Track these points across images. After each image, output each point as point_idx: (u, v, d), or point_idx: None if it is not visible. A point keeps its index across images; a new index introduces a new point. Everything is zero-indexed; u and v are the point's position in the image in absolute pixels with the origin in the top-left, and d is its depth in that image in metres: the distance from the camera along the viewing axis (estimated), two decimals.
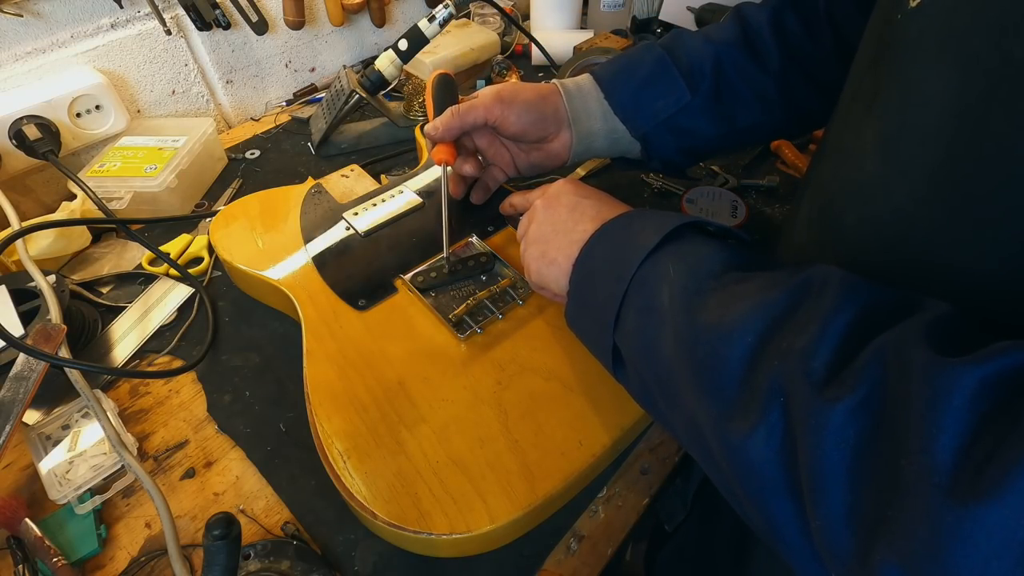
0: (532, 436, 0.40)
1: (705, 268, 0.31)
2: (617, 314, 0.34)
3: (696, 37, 0.51)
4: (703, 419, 0.28)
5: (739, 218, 0.58)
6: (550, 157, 0.53)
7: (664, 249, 0.33)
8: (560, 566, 0.39)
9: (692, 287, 0.30)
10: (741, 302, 0.28)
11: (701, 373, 0.28)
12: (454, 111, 0.50)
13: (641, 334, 0.33)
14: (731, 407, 0.26)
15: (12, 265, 0.57)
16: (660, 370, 0.31)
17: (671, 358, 0.30)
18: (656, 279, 0.32)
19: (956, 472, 0.18)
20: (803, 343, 0.24)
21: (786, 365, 0.24)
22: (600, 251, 0.37)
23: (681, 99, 0.49)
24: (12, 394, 0.43)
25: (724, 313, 0.28)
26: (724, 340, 0.27)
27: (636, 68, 0.50)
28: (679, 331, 0.30)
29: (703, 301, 0.29)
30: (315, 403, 0.42)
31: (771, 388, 0.24)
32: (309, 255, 0.53)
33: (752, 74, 0.49)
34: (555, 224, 0.41)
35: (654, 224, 0.34)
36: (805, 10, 0.48)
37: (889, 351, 0.22)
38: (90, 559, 0.40)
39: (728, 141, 0.53)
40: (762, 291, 0.27)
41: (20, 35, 0.66)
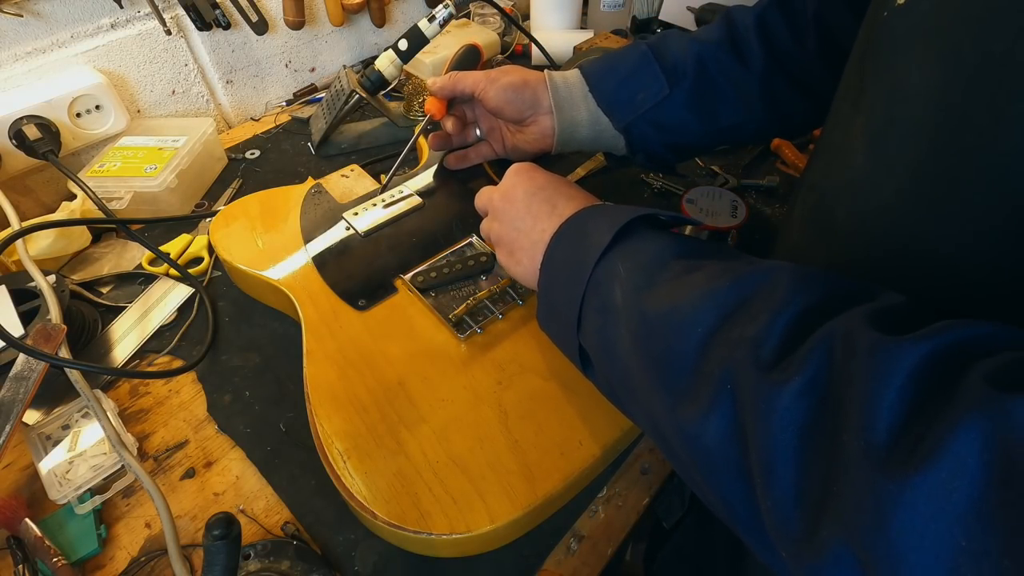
0: (532, 436, 0.40)
1: (655, 261, 0.31)
2: (579, 316, 0.34)
3: (683, 37, 0.52)
4: (659, 410, 0.28)
5: (739, 218, 0.58)
6: (531, 141, 0.56)
7: (616, 247, 0.34)
8: (560, 566, 0.39)
9: (642, 283, 0.31)
10: (690, 292, 0.28)
11: (654, 365, 0.28)
12: (452, 75, 0.56)
13: (600, 334, 0.33)
14: (683, 395, 0.27)
15: (12, 265, 0.57)
16: (618, 367, 0.32)
17: (627, 353, 0.31)
18: (609, 279, 0.33)
19: (896, 445, 0.19)
20: (753, 331, 0.25)
21: (736, 353, 0.25)
22: (559, 254, 0.37)
23: (660, 92, 0.50)
24: (12, 394, 0.43)
25: (674, 303, 0.28)
26: (675, 331, 0.28)
27: (621, 63, 0.52)
28: (631, 327, 0.30)
29: (652, 294, 0.30)
30: (315, 403, 0.42)
31: (722, 375, 0.25)
32: (309, 255, 0.53)
33: (735, 73, 0.50)
34: (514, 223, 0.41)
35: (607, 221, 0.35)
36: (791, 12, 0.49)
37: (836, 335, 0.22)
38: (90, 559, 0.40)
39: (712, 139, 0.54)
40: (712, 280, 0.28)
41: (20, 35, 0.66)
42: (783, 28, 0.49)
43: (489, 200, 0.45)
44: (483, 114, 0.60)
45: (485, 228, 0.45)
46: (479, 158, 0.62)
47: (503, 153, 0.61)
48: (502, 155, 0.61)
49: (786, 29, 0.49)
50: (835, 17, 0.46)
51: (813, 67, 0.48)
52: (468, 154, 0.62)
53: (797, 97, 0.50)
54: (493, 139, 0.61)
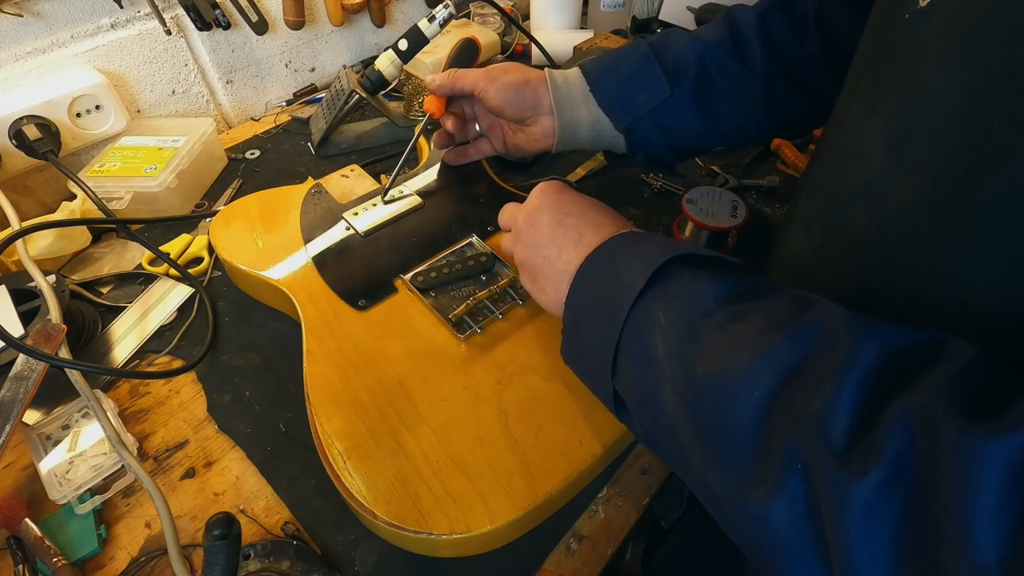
0: (532, 436, 0.40)
1: (697, 307, 0.29)
2: (614, 360, 0.33)
3: (684, 37, 0.52)
4: (715, 482, 0.26)
5: (739, 218, 0.58)
6: (531, 141, 0.55)
7: (652, 290, 0.32)
8: (560, 566, 0.39)
9: (685, 334, 0.29)
10: (742, 351, 0.26)
11: (707, 432, 0.26)
12: (451, 72, 0.55)
13: (640, 385, 0.31)
14: (745, 472, 0.24)
15: (12, 265, 0.57)
16: (664, 424, 0.30)
17: (673, 414, 0.29)
18: (648, 325, 0.31)
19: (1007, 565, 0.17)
20: (818, 405, 0.22)
21: (802, 429, 0.23)
22: (587, 290, 0.36)
23: (662, 93, 0.50)
24: (12, 394, 0.43)
25: (725, 364, 0.26)
26: (728, 395, 0.26)
27: (622, 63, 0.52)
28: (678, 386, 0.28)
29: (699, 349, 0.28)
30: (315, 403, 0.42)
31: (788, 454, 0.23)
32: (309, 255, 0.53)
33: (736, 73, 0.50)
34: (539, 249, 0.40)
35: (639, 260, 0.33)
36: (793, 13, 0.49)
37: (914, 417, 0.20)
38: (90, 559, 0.40)
39: (713, 139, 0.54)
40: (764, 337, 0.26)
41: (20, 35, 0.66)
42: (785, 28, 0.49)
43: (513, 219, 0.43)
44: (483, 111, 0.59)
45: (507, 246, 0.44)
46: (479, 154, 0.62)
47: (503, 151, 0.61)
48: (502, 153, 0.61)
49: (787, 29, 0.49)
50: (836, 18, 0.46)
51: (815, 67, 0.48)
52: (467, 150, 0.62)
53: (798, 97, 0.50)
54: (493, 136, 0.61)
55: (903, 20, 0.28)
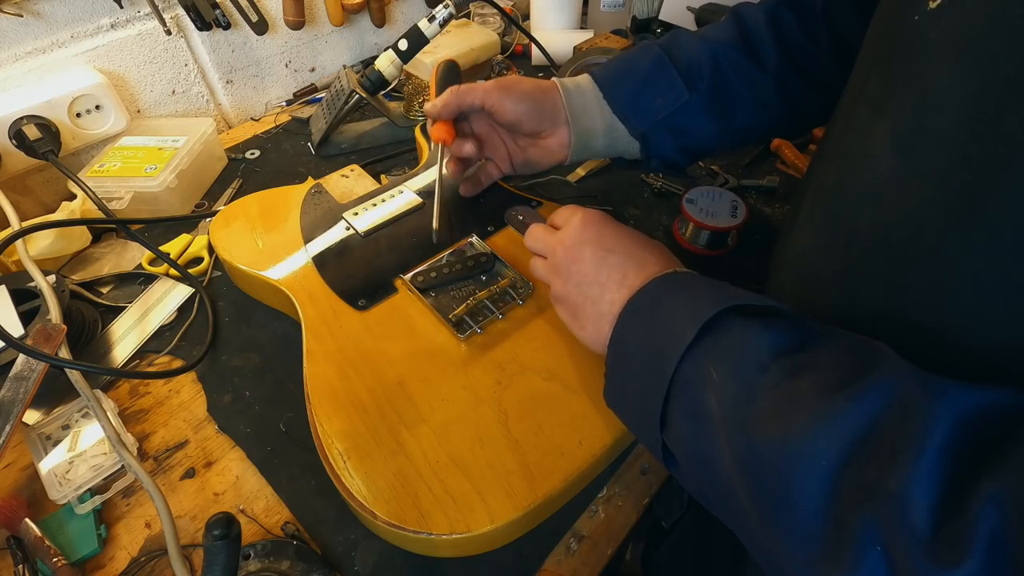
0: (532, 436, 0.40)
1: (751, 362, 0.28)
2: (663, 414, 0.32)
3: (693, 37, 0.51)
4: (779, 552, 0.25)
5: (739, 218, 0.58)
6: (547, 154, 0.53)
7: (702, 342, 0.30)
8: (560, 566, 0.39)
9: (741, 393, 0.28)
10: (804, 414, 0.25)
11: (770, 502, 0.25)
12: (453, 90, 0.51)
13: (693, 443, 0.30)
14: (816, 548, 0.23)
15: (12, 265, 0.57)
16: (720, 487, 0.29)
17: (731, 478, 0.27)
18: (699, 381, 0.30)
19: None
20: (895, 481, 0.21)
21: (879, 508, 0.21)
22: (632, 336, 0.35)
23: (680, 98, 0.49)
24: (12, 394, 0.43)
25: (787, 429, 0.25)
26: (793, 466, 0.24)
27: (634, 68, 0.50)
28: (736, 450, 0.27)
29: (757, 410, 0.26)
30: (315, 403, 0.42)
31: (864, 533, 0.21)
32: (309, 255, 0.53)
33: (749, 73, 0.49)
34: (580, 287, 0.39)
35: (687, 309, 0.32)
36: (802, 9, 0.48)
37: (1006, 500, 0.19)
38: (90, 559, 0.40)
39: (727, 140, 0.53)
40: (827, 398, 0.24)
41: (20, 35, 0.66)
42: (795, 25, 0.48)
43: (550, 249, 0.42)
44: (485, 129, 0.55)
45: (540, 272, 0.43)
46: (489, 180, 0.58)
47: (511, 171, 0.57)
48: (510, 172, 0.57)
49: (798, 26, 0.48)
50: (841, 14, 0.46)
51: (827, 63, 0.47)
52: (479, 178, 0.58)
53: (812, 94, 0.49)
54: (498, 157, 0.56)
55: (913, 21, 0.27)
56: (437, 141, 0.52)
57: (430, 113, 0.53)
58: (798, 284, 0.38)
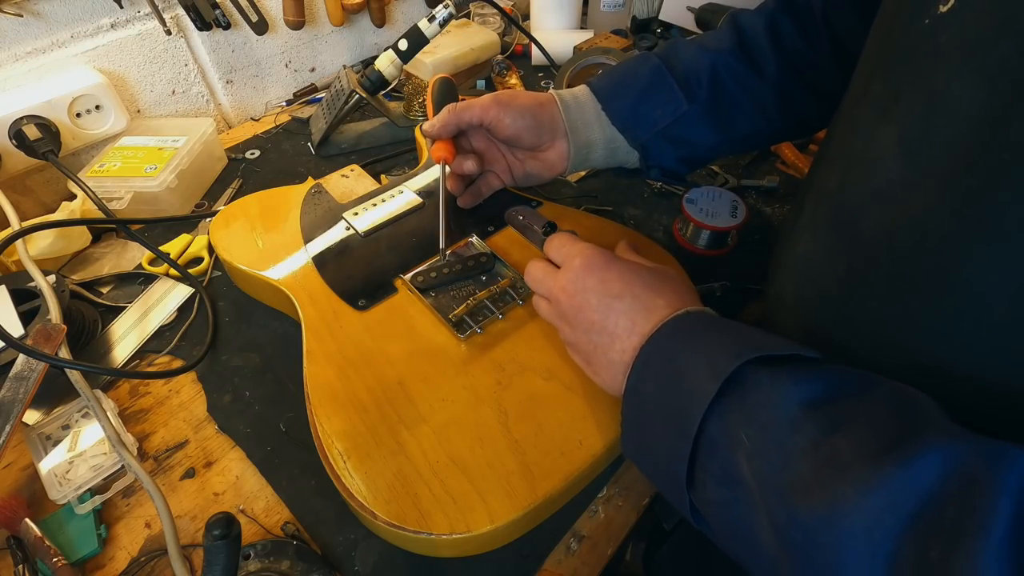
0: (532, 436, 0.40)
1: (783, 420, 0.26)
2: (689, 474, 0.30)
3: (692, 46, 0.51)
4: None
5: (739, 218, 0.58)
6: (546, 167, 0.53)
7: (726, 399, 0.29)
8: (560, 566, 0.39)
9: (777, 459, 0.26)
10: (850, 482, 0.23)
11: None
12: (451, 108, 0.51)
13: (727, 511, 0.29)
14: None
15: (12, 265, 0.57)
16: (760, 557, 0.27)
17: (773, 550, 0.26)
18: (727, 443, 0.28)
19: None
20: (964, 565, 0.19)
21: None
22: (648, 389, 0.33)
23: (679, 108, 0.49)
24: (12, 394, 0.43)
25: (832, 499, 0.23)
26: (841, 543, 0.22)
27: (633, 79, 0.50)
28: (777, 522, 0.25)
29: (796, 476, 0.25)
30: (315, 403, 0.42)
31: None
32: (309, 255, 0.53)
33: (749, 81, 0.49)
34: (589, 334, 0.38)
35: (706, 362, 0.30)
36: (802, 16, 0.48)
37: None
38: (90, 559, 0.40)
39: (727, 148, 0.53)
40: (875, 464, 0.23)
41: (20, 35, 0.66)
42: (794, 32, 0.48)
43: (552, 295, 0.41)
44: (485, 143, 0.55)
45: (545, 314, 0.42)
46: (489, 191, 0.57)
47: (512, 182, 0.57)
48: (510, 184, 0.57)
49: (797, 32, 0.48)
50: (841, 18, 0.46)
51: (827, 69, 0.47)
52: (479, 189, 0.57)
53: (812, 100, 0.49)
54: (499, 169, 0.56)
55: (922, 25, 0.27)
56: (438, 160, 0.52)
57: (428, 133, 0.53)
58: (799, 286, 0.38)
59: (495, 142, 0.55)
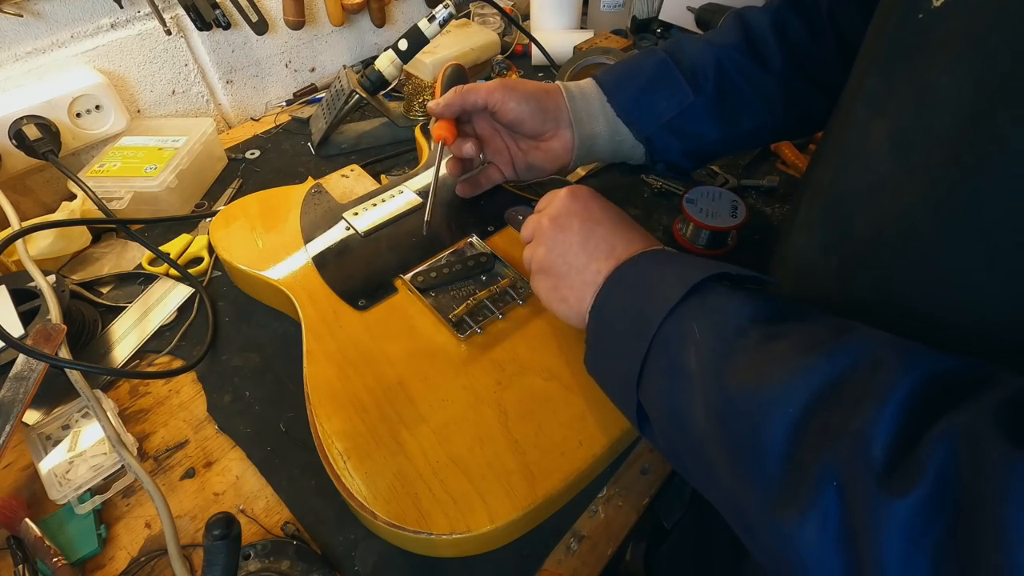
0: (532, 436, 0.40)
1: (732, 324, 0.29)
2: (640, 373, 0.32)
3: (698, 41, 0.51)
4: (743, 496, 0.26)
5: (739, 218, 0.58)
6: (550, 157, 0.53)
7: (686, 303, 0.31)
8: (560, 566, 0.39)
9: (720, 349, 0.28)
10: (778, 367, 0.25)
11: (738, 446, 0.26)
12: (457, 89, 0.51)
13: (667, 397, 0.31)
14: (775, 490, 0.24)
15: (12, 265, 0.57)
16: (691, 438, 0.29)
17: (702, 426, 0.28)
18: (680, 337, 0.30)
19: None
20: (859, 424, 0.22)
21: (839, 447, 0.22)
22: (617, 302, 0.35)
23: (684, 100, 0.49)
24: (12, 394, 0.43)
25: (760, 378, 0.26)
26: (761, 410, 0.25)
27: (639, 71, 0.50)
28: (710, 398, 0.28)
29: (734, 363, 0.27)
30: (315, 403, 0.42)
31: (822, 472, 0.22)
32: (309, 255, 0.53)
33: (755, 76, 0.49)
34: (565, 256, 0.39)
35: (674, 275, 0.32)
36: (807, 12, 0.48)
37: (958, 439, 0.20)
38: (90, 559, 0.40)
39: (732, 143, 0.53)
40: (802, 354, 0.25)
41: (20, 35, 0.66)
42: (800, 28, 0.48)
43: (537, 224, 0.42)
44: (488, 131, 0.55)
45: (527, 254, 0.43)
46: (489, 183, 0.57)
47: (513, 176, 0.56)
48: (512, 177, 0.57)
49: (803, 29, 0.48)
50: (846, 15, 0.46)
51: (833, 65, 0.47)
52: (479, 180, 0.57)
53: (817, 96, 0.49)
54: (501, 161, 0.56)
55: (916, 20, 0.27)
56: (438, 139, 0.52)
57: (432, 111, 0.53)
58: (796, 281, 0.38)
59: (499, 130, 0.55)
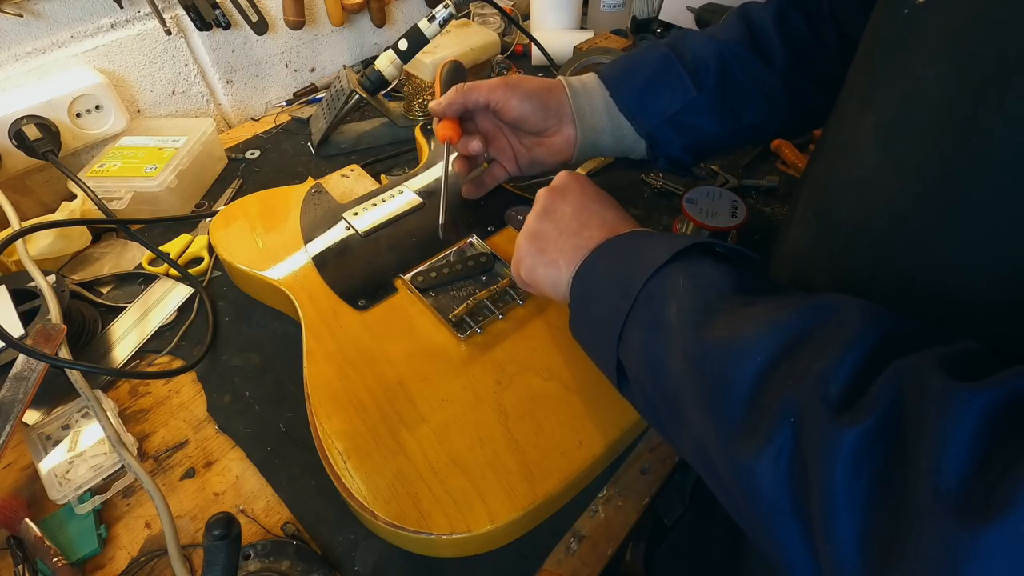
0: (532, 436, 0.40)
1: (715, 288, 0.30)
2: (621, 330, 0.33)
3: (700, 36, 0.51)
4: (709, 438, 0.27)
5: (739, 218, 0.58)
6: (552, 153, 0.53)
7: (673, 265, 0.32)
8: (560, 566, 0.39)
9: (701, 306, 0.29)
10: (752, 322, 0.27)
11: (708, 391, 0.27)
12: (458, 88, 0.51)
13: (646, 349, 0.32)
14: (739, 427, 0.25)
15: (12, 265, 0.57)
16: (666, 387, 0.30)
17: (677, 375, 0.29)
18: (663, 294, 0.31)
19: (967, 493, 0.18)
20: (820, 366, 0.23)
21: (801, 387, 0.23)
22: (605, 264, 0.36)
23: (687, 95, 0.49)
24: (12, 394, 0.43)
25: (734, 331, 0.27)
26: (733, 358, 0.26)
27: (641, 66, 0.50)
28: (686, 348, 0.29)
29: (711, 319, 0.28)
30: (315, 403, 0.42)
31: (783, 409, 0.23)
32: (309, 255, 0.53)
33: (757, 71, 0.49)
34: (558, 223, 0.40)
35: (663, 243, 0.34)
36: (809, 8, 0.48)
37: (905, 376, 0.21)
38: (90, 559, 0.40)
39: (734, 139, 0.53)
40: (774, 312, 0.27)
41: (20, 35, 0.66)
42: (803, 24, 0.48)
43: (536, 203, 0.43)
44: (491, 128, 0.55)
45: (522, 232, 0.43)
46: (495, 182, 0.57)
47: (516, 172, 0.56)
48: (516, 173, 0.56)
49: (805, 25, 0.48)
50: (847, 15, 0.46)
51: (834, 62, 0.47)
52: (483, 179, 0.57)
53: (819, 93, 0.49)
54: (504, 158, 0.56)
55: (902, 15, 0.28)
56: (443, 139, 0.52)
57: (435, 111, 0.52)
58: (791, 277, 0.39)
59: (502, 127, 0.55)
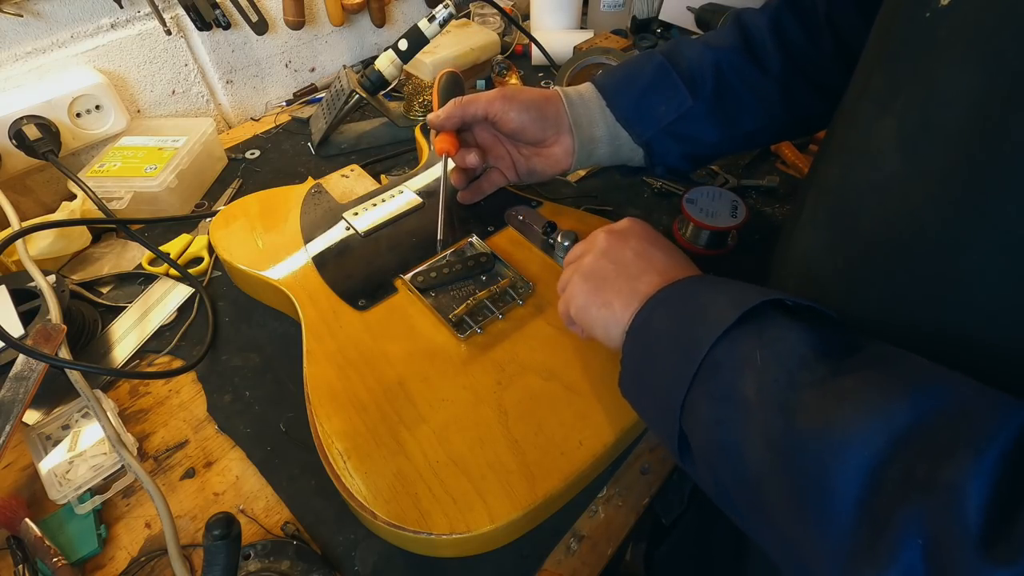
0: (532, 436, 0.40)
1: (796, 356, 0.27)
2: (683, 399, 0.30)
3: (696, 44, 0.51)
4: (806, 544, 0.24)
5: (739, 218, 0.58)
6: (550, 163, 0.53)
7: (742, 329, 0.29)
8: (560, 566, 0.39)
9: (784, 379, 0.26)
10: (852, 406, 0.24)
11: (803, 489, 0.24)
12: (456, 101, 0.51)
13: (718, 428, 0.29)
14: (848, 541, 0.22)
15: (12, 265, 0.57)
16: (744, 475, 0.27)
17: (760, 464, 0.26)
18: (735, 365, 0.28)
19: None
20: (950, 475, 0.20)
21: (927, 500, 0.20)
22: (659, 321, 0.34)
23: (683, 104, 0.49)
24: (12, 394, 0.43)
25: (831, 416, 0.24)
26: (833, 451, 0.23)
27: (637, 75, 0.50)
28: (771, 434, 0.26)
29: (800, 398, 0.25)
30: (315, 403, 0.42)
31: (905, 526, 0.20)
32: (309, 255, 0.53)
33: (753, 78, 0.49)
34: (617, 264, 0.38)
35: (728, 298, 0.31)
36: (804, 14, 0.48)
37: None
38: (90, 559, 0.40)
39: (731, 146, 0.53)
40: (878, 392, 0.23)
41: (20, 35, 0.66)
42: (798, 30, 0.48)
43: (593, 237, 0.42)
44: (490, 138, 0.55)
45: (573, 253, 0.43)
46: (492, 188, 0.58)
47: (515, 179, 0.57)
48: (515, 181, 0.57)
49: (801, 31, 0.48)
50: (844, 16, 0.46)
51: (831, 68, 0.47)
52: (481, 185, 0.57)
53: (815, 98, 0.49)
54: (503, 166, 0.56)
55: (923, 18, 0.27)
56: (441, 153, 0.52)
57: (433, 125, 0.53)
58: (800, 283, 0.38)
59: (500, 137, 0.55)
